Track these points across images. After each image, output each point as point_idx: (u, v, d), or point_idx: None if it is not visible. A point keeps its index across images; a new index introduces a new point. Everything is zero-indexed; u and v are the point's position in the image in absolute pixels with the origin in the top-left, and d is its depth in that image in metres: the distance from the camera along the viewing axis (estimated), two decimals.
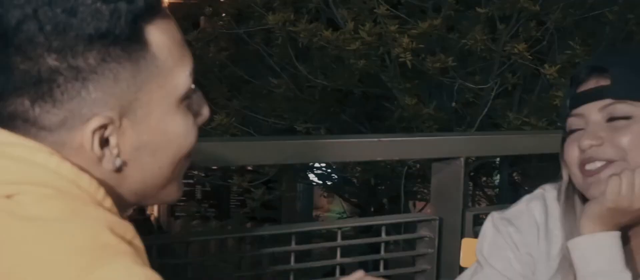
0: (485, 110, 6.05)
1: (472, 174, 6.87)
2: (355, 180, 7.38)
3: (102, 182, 1.22)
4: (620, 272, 1.63)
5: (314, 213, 10.97)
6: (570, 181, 1.75)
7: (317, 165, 7.75)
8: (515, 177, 7.98)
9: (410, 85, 6.02)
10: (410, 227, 3.86)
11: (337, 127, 6.61)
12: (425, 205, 8.02)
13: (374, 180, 6.45)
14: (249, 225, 7.76)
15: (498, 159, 6.96)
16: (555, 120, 6.12)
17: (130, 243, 1.16)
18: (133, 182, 1.26)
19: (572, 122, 1.72)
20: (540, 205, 1.81)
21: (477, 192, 7.94)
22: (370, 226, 2.79)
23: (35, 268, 1.09)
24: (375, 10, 5.80)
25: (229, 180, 6.79)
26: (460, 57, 6.07)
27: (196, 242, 2.35)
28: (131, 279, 1.09)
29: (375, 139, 2.56)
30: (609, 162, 1.66)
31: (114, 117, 1.19)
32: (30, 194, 1.17)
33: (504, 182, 7.32)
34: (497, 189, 7.96)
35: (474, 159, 5.48)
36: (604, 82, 1.68)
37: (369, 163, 6.10)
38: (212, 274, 2.39)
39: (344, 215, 8.99)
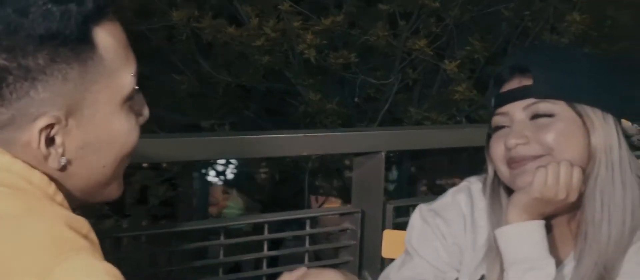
0: (387, 105, 6.13)
1: None
2: (261, 176, 7.41)
3: (50, 179, 1.24)
4: (545, 258, 1.70)
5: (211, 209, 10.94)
6: (495, 175, 1.82)
7: (218, 161, 7.74)
8: (413, 171, 8.11)
9: (313, 81, 6.07)
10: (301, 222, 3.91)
11: (240, 123, 6.62)
12: (325, 200, 8.10)
13: (279, 175, 6.49)
14: (144, 223, 7.71)
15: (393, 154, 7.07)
16: (455, 114, 6.26)
17: (85, 237, 1.18)
18: (78, 179, 1.28)
19: (498, 120, 1.79)
20: (465, 197, 1.88)
21: None
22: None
23: None
24: (278, 7, 5.82)
25: (131, 178, 6.73)
26: (362, 53, 6.14)
27: None
28: (92, 274, 1.11)
29: (301, 134, 2.61)
30: (536, 157, 1.73)
31: (61, 117, 1.21)
32: None
33: (403, 176, 7.44)
34: (395, 183, 8.08)
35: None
36: (527, 81, 1.75)
37: (274, 159, 6.14)
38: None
39: (244, 212, 9.01)
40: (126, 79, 1.28)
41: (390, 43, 6.00)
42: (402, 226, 2.11)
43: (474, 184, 1.89)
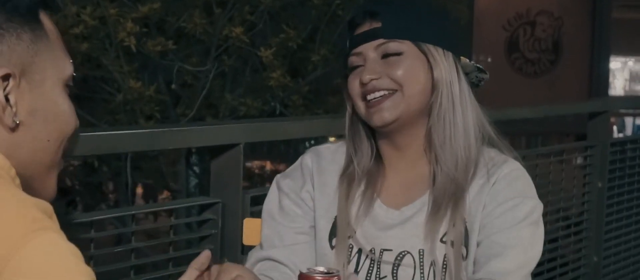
0: (205, 91, 6.22)
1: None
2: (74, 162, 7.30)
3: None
4: None
5: None
6: (353, 111, 2.05)
7: None
8: None
9: (130, 68, 6.09)
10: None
11: None
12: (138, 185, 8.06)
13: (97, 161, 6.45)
14: None
15: None
16: (270, 100, 6.42)
17: (50, 218, 1.27)
18: (25, 150, 1.38)
19: (353, 60, 2.02)
20: (310, 155, 2.12)
21: None
22: None
23: None
24: None
25: None
26: (179, 40, 6.20)
27: None
28: (57, 251, 1.20)
29: (167, 129, 2.67)
30: (389, 91, 1.97)
31: (16, 73, 1.34)
32: None
33: None
34: None
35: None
36: (376, 24, 1.99)
37: None
38: None
39: None
40: (68, 64, 1.42)
41: (206, 30, 6.09)
42: (259, 214, 2.27)
43: (322, 146, 2.15)
